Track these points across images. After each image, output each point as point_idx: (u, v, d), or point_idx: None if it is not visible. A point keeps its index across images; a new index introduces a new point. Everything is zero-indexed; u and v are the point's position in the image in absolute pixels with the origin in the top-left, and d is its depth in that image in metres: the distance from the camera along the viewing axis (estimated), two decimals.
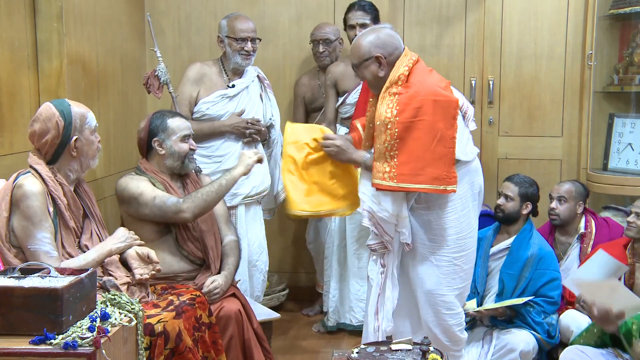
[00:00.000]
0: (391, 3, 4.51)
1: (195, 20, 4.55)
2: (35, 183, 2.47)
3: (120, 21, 4.09)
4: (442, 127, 2.78)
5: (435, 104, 2.78)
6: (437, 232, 2.96)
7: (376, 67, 2.91)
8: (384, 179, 2.80)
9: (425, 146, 2.77)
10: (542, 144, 4.58)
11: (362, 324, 3.94)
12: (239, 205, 3.77)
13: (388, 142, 2.79)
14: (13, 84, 3.11)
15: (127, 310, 2.26)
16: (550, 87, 4.55)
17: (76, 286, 2.08)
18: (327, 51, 4.23)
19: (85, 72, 3.58)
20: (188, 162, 3.22)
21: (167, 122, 3.19)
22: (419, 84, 2.82)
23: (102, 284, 2.49)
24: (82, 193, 2.70)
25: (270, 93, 3.96)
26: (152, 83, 3.63)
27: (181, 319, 2.64)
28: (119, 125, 4.01)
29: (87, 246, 2.62)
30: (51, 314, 2.00)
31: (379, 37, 2.93)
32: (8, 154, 3.03)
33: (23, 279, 2.11)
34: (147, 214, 3.04)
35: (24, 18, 3.22)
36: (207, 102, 3.76)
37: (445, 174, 2.79)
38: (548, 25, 4.50)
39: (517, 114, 4.60)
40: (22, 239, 2.43)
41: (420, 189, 2.80)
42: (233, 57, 3.77)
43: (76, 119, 2.58)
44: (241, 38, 3.73)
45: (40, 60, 3.32)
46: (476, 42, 4.58)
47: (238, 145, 3.77)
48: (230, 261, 3.22)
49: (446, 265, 2.97)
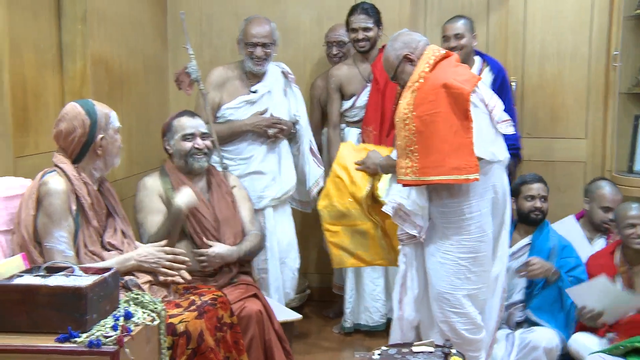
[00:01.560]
0: (412, 4, 4.50)
1: (216, 21, 4.57)
2: (60, 182, 2.49)
3: (143, 22, 4.12)
4: (457, 117, 2.82)
5: (448, 96, 2.83)
6: (442, 229, 2.99)
7: (410, 67, 3.00)
8: (407, 174, 2.88)
9: (443, 138, 2.82)
10: (565, 146, 4.54)
11: (379, 324, 3.98)
12: (266, 207, 3.78)
13: (407, 137, 2.87)
14: (38, 85, 3.14)
15: (150, 309, 2.27)
16: (574, 87, 4.50)
17: (100, 285, 2.09)
18: (340, 53, 4.23)
19: (108, 73, 3.62)
20: (192, 161, 3.22)
21: (173, 121, 3.26)
22: (434, 78, 2.88)
23: (124, 283, 2.50)
24: (106, 192, 2.72)
25: (296, 87, 3.95)
26: (182, 80, 3.64)
27: (203, 319, 2.65)
28: (141, 125, 4.03)
29: (110, 243, 2.63)
30: (76, 313, 2.01)
31: (398, 40, 3.06)
32: (33, 154, 3.06)
33: (48, 278, 2.13)
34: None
35: (49, 20, 3.25)
36: (230, 107, 3.78)
37: (465, 163, 2.81)
38: (572, 25, 4.46)
39: (540, 115, 4.56)
40: (41, 235, 2.46)
41: (443, 180, 2.84)
42: (246, 61, 3.78)
43: (101, 118, 2.60)
44: (251, 43, 3.73)
45: (64, 62, 3.35)
46: (498, 43, 4.55)
47: (263, 146, 3.79)
48: (244, 243, 3.24)
49: (450, 264, 2.98)
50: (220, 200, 3.27)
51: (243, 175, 3.70)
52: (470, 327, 3.02)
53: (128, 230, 2.75)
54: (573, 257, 3.48)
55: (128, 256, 2.61)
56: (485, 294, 3.07)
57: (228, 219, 3.23)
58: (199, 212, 3.16)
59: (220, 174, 3.39)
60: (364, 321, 4.08)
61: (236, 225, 3.26)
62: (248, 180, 3.71)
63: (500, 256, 3.13)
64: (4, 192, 2.55)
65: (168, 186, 3.19)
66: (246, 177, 3.72)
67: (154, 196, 3.17)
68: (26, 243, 2.44)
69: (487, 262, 3.03)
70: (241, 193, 3.41)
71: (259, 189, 3.75)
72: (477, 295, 3.02)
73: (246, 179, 3.71)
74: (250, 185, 3.68)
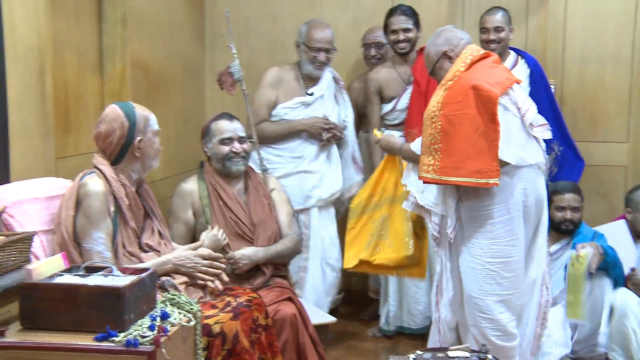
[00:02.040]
0: (450, 6, 4.47)
1: (254, 24, 4.59)
2: (99, 183, 2.53)
3: (181, 24, 4.16)
4: (484, 120, 2.79)
5: (476, 97, 2.80)
6: (472, 232, 2.95)
7: (448, 64, 3.01)
8: (429, 171, 2.87)
9: (467, 139, 2.79)
10: (606, 150, 4.45)
11: (421, 327, 3.96)
12: (312, 207, 3.83)
13: (433, 135, 2.86)
14: (79, 87, 3.20)
15: (186, 310, 2.29)
16: (615, 91, 4.41)
17: (137, 285, 2.12)
18: (378, 54, 4.23)
19: (147, 75, 3.66)
20: (230, 165, 3.25)
21: (211, 124, 3.29)
22: (466, 79, 2.86)
23: (160, 283, 2.53)
24: (144, 193, 2.75)
25: (345, 94, 4.03)
26: (225, 80, 3.66)
27: (238, 320, 2.66)
28: (178, 127, 4.08)
29: (147, 244, 2.67)
30: (114, 312, 2.04)
31: (441, 35, 3.07)
32: (73, 155, 3.11)
33: (87, 277, 2.17)
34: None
35: (90, 23, 3.31)
36: (286, 107, 3.84)
37: (487, 167, 2.78)
38: (614, 28, 4.37)
39: (580, 119, 4.48)
40: (80, 236, 2.49)
41: (462, 182, 2.82)
42: (306, 65, 3.83)
43: (140, 121, 2.64)
44: (315, 47, 3.77)
45: (104, 64, 3.41)
46: (538, 46, 4.48)
47: (314, 147, 3.85)
48: (277, 245, 3.24)
49: (480, 269, 2.94)
50: (256, 202, 3.29)
51: (292, 174, 3.78)
52: (500, 334, 2.97)
53: (165, 232, 2.79)
54: (606, 246, 3.46)
55: (165, 259, 2.65)
56: (520, 299, 3.00)
57: (263, 221, 3.25)
58: (235, 215, 3.19)
59: (258, 176, 3.41)
60: (406, 324, 4.06)
61: (271, 228, 3.27)
62: (297, 178, 3.79)
63: (538, 260, 3.06)
64: (46, 192, 2.60)
65: (204, 193, 3.23)
66: (295, 176, 3.79)
67: (186, 205, 3.22)
68: (66, 243, 2.48)
69: (519, 267, 2.97)
70: (280, 196, 3.42)
71: (307, 188, 3.81)
72: (510, 300, 2.96)
73: (295, 177, 3.79)
74: (298, 184, 3.77)
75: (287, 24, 4.47)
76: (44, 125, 2.77)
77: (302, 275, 3.78)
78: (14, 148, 2.59)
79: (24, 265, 2.25)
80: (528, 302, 3.06)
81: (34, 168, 2.71)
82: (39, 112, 2.73)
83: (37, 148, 2.73)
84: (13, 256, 2.23)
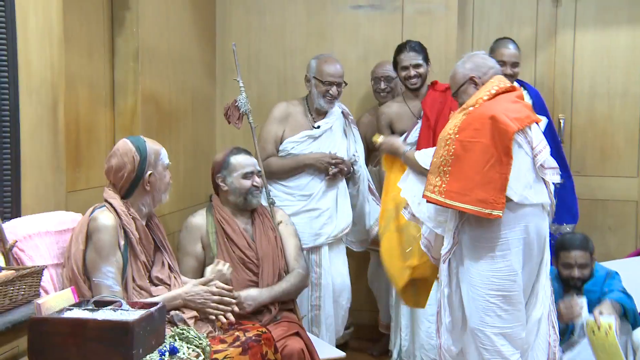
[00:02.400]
0: (459, 40, 4.50)
1: (264, 58, 4.63)
2: (109, 217, 2.53)
3: (192, 59, 4.20)
4: (497, 152, 2.79)
5: (493, 128, 2.80)
6: (472, 262, 2.92)
7: (473, 89, 3.03)
8: (434, 192, 2.88)
9: (478, 168, 2.79)
10: (616, 185, 4.44)
11: None
12: (322, 245, 3.81)
13: (444, 157, 2.87)
14: (90, 121, 3.23)
15: (195, 345, 2.28)
16: (624, 126, 4.42)
17: (146, 320, 2.10)
18: (388, 87, 4.26)
19: (158, 109, 3.69)
20: (251, 198, 3.26)
21: (229, 159, 3.28)
22: (486, 108, 2.87)
23: (170, 317, 2.52)
24: (154, 226, 2.76)
25: (355, 128, 4.03)
26: (232, 113, 3.67)
27: (247, 355, 2.64)
28: (188, 161, 4.09)
29: (157, 278, 2.66)
30: (122, 347, 2.02)
31: (472, 60, 3.10)
32: (84, 189, 3.12)
33: (96, 312, 2.15)
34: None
35: (103, 58, 3.35)
36: (292, 141, 3.84)
37: (493, 198, 2.77)
38: (622, 64, 4.41)
39: (589, 154, 4.48)
40: (90, 270, 2.49)
41: (466, 209, 2.81)
42: (317, 98, 3.84)
43: (151, 155, 2.66)
44: (327, 82, 3.80)
45: (116, 98, 3.44)
46: (546, 81, 4.51)
47: (322, 184, 3.84)
48: (282, 284, 3.21)
49: (480, 300, 2.90)
50: (262, 235, 3.28)
51: (301, 212, 3.77)
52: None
53: (175, 265, 2.78)
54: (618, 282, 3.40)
55: (175, 294, 2.64)
56: (521, 333, 2.94)
57: (269, 255, 3.23)
58: (241, 250, 3.19)
59: (265, 210, 3.41)
60: (419, 358, 4.01)
61: (277, 261, 3.26)
62: (306, 217, 3.78)
63: (542, 299, 3.01)
64: (56, 226, 2.61)
65: (211, 228, 3.22)
66: (305, 214, 3.78)
67: (195, 239, 3.21)
68: (75, 277, 2.47)
69: (519, 301, 2.92)
70: (288, 229, 3.42)
71: (317, 226, 3.80)
72: (511, 335, 2.90)
73: (304, 215, 3.77)
74: (307, 222, 3.76)
75: (297, 59, 4.51)
76: (55, 158, 2.78)
77: (317, 313, 3.76)
78: (26, 181, 2.59)
79: (33, 299, 2.24)
80: (534, 342, 3.00)
81: (45, 201, 2.71)
82: (51, 146, 2.74)
83: (48, 181, 2.74)
84: (23, 290, 2.22)
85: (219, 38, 4.64)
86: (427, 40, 4.19)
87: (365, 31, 4.55)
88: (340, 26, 4.57)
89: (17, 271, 2.22)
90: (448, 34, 4.39)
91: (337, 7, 4.57)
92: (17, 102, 2.54)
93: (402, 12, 4.49)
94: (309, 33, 4.56)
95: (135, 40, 3.43)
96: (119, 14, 3.41)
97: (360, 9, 4.54)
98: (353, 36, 4.58)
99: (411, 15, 4.48)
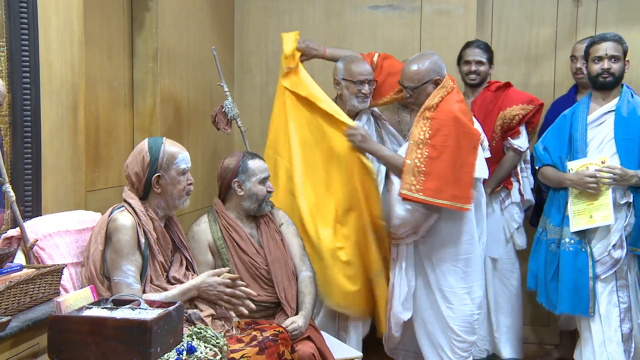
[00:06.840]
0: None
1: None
2: (128, 217, 2.55)
3: (211, 60, 4.21)
4: (465, 154, 3.29)
5: (461, 134, 3.28)
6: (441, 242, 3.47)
7: (432, 88, 3.37)
8: (411, 190, 3.28)
9: (450, 168, 3.27)
10: None
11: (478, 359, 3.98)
12: None
13: (418, 159, 3.28)
14: (110, 121, 3.25)
15: (212, 344, 2.28)
16: None
17: (164, 319, 2.12)
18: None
19: (177, 110, 3.71)
20: (265, 205, 3.21)
21: (247, 163, 3.19)
22: (449, 113, 3.30)
23: (187, 316, 2.53)
24: (173, 226, 2.76)
25: (391, 128, 3.96)
26: (219, 120, 3.67)
27: (264, 354, 2.64)
28: (206, 161, 4.11)
29: (175, 277, 2.67)
30: (140, 346, 2.04)
31: (435, 61, 3.43)
32: (103, 189, 3.15)
33: (115, 310, 2.17)
34: None
35: (123, 59, 3.37)
36: None
37: (463, 193, 3.29)
38: None
39: None
40: (110, 270, 2.50)
41: (442, 204, 3.27)
42: (350, 99, 3.76)
43: (164, 157, 2.62)
44: (359, 81, 3.74)
45: (135, 99, 3.47)
46: (566, 81, 4.46)
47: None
48: (307, 299, 3.17)
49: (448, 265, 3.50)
50: (270, 240, 3.22)
51: None
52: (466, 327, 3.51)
53: (194, 263, 2.79)
54: None
55: (190, 286, 2.62)
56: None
57: (278, 259, 3.18)
58: (250, 257, 3.14)
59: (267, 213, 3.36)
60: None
61: (287, 264, 3.21)
62: None
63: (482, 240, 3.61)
64: (76, 225, 2.64)
65: (217, 234, 3.14)
66: None
67: (203, 248, 3.12)
68: (94, 277, 2.49)
69: (475, 262, 3.49)
70: (289, 229, 3.34)
71: None
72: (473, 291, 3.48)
73: None
74: None
75: (316, 60, 4.51)
76: (75, 158, 2.81)
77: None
78: (46, 181, 2.62)
79: (53, 297, 2.27)
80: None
81: (65, 201, 2.75)
82: (71, 146, 2.77)
83: (68, 181, 2.77)
84: (43, 288, 2.26)
85: (237, 40, 4.66)
86: (446, 40, 4.19)
87: (384, 32, 4.54)
88: (358, 27, 4.57)
89: (38, 269, 2.26)
90: (467, 35, 4.37)
91: (355, 8, 4.57)
92: (39, 103, 2.57)
93: (421, 12, 4.48)
94: (328, 34, 4.56)
95: (155, 41, 3.45)
96: (139, 15, 3.44)
97: (378, 9, 4.54)
98: (371, 37, 4.57)
99: (430, 16, 4.47)
